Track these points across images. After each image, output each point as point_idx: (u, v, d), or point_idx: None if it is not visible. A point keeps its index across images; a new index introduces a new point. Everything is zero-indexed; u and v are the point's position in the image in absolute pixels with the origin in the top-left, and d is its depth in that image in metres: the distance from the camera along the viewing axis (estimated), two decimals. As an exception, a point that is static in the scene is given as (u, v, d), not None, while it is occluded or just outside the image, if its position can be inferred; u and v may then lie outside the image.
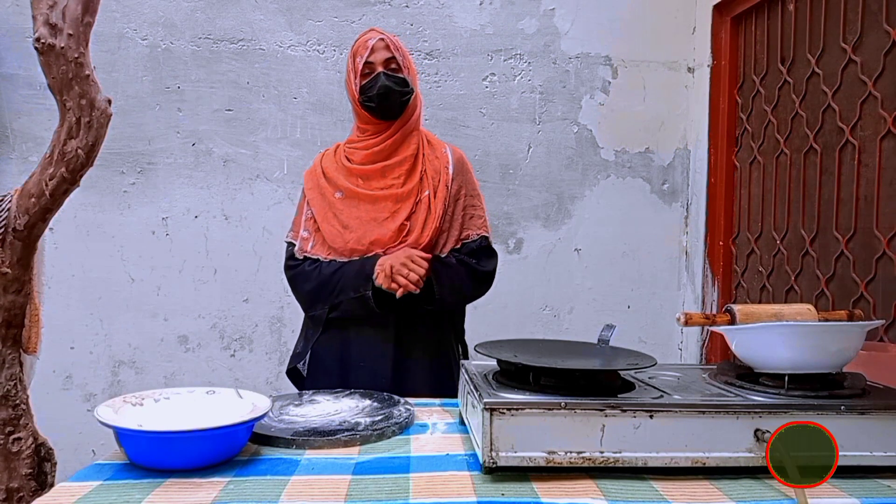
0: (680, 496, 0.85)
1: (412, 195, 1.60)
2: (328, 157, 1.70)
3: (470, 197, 1.69)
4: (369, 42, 1.59)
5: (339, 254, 1.59)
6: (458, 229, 1.65)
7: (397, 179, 1.61)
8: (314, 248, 1.63)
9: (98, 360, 2.50)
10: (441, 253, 1.62)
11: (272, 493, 0.86)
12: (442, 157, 1.67)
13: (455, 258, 1.63)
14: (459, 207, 1.66)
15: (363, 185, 1.62)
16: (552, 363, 0.99)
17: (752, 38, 2.37)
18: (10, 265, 1.19)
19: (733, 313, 1.08)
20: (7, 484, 1.21)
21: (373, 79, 1.58)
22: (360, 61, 1.59)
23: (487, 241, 1.68)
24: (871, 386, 1.05)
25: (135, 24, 2.47)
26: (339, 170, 1.65)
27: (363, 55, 1.59)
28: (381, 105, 1.58)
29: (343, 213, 1.60)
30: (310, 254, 1.63)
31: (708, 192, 2.55)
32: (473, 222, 1.67)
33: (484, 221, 1.69)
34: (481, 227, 1.68)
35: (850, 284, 1.85)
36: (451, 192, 1.64)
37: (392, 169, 1.62)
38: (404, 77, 1.60)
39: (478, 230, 1.67)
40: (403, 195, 1.60)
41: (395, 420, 1.13)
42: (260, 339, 2.56)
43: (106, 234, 2.49)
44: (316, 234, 1.64)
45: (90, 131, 1.16)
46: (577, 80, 2.64)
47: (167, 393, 1.10)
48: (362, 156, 1.63)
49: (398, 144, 1.63)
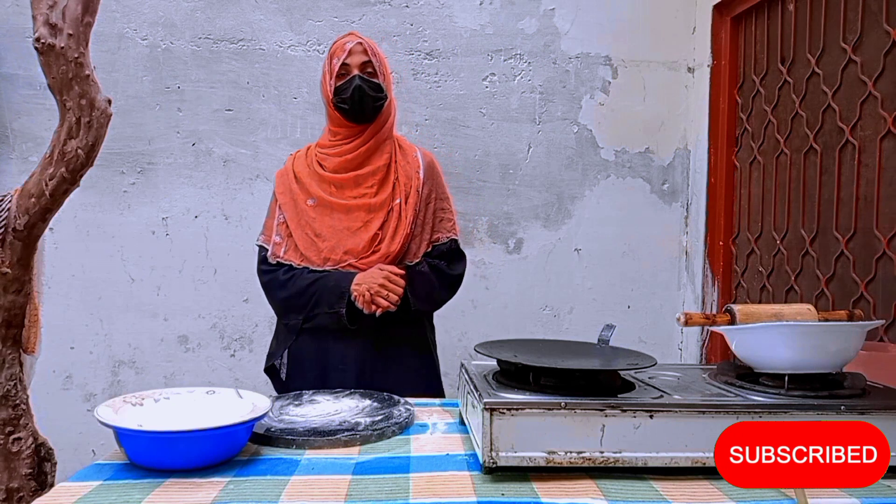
0: (680, 496, 0.85)
1: (385, 205, 1.62)
2: (300, 161, 1.70)
3: (440, 200, 1.71)
4: (347, 45, 1.61)
5: (311, 261, 1.61)
6: (430, 232, 1.68)
7: (370, 189, 1.63)
8: (287, 253, 1.64)
9: (98, 360, 2.50)
10: (415, 258, 1.65)
11: (272, 493, 0.86)
12: (413, 162, 1.69)
13: (427, 263, 1.65)
14: (430, 211, 1.69)
15: (336, 193, 1.63)
16: (552, 363, 0.99)
17: (752, 38, 2.37)
18: (10, 265, 1.19)
19: (733, 313, 1.08)
20: (7, 484, 1.21)
21: (347, 81, 1.59)
22: (336, 63, 1.61)
23: (457, 244, 1.72)
24: (871, 386, 1.05)
25: (135, 24, 2.47)
26: (312, 176, 1.66)
27: (340, 57, 1.60)
28: (353, 107, 1.59)
29: (316, 221, 1.62)
30: (283, 259, 1.64)
31: (708, 192, 2.55)
32: (443, 225, 1.70)
33: (453, 224, 1.73)
34: (451, 229, 1.71)
35: (850, 284, 1.85)
36: (422, 197, 1.66)
37: (365, 178, 1.63)
38: (379, 82, 1.61)
39: (447, 233, 1.70)
40: (376, 205, 1.61)
41: (395, 420, 1.13)
42: (260, 339, 2.55)
43: (106, 234, 2.49)
44: (288, 240, 1.65)
45: (90, 131, 1.16)
46: (577, 80, 2.64)
47: (167, 393, 1.10)
48: (335, 163, 1.64)
49: (371, 152, 1.64)
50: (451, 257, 1.69)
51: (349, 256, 1.59)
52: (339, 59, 1.60)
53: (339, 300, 1.55)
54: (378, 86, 1.61)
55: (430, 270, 1.64)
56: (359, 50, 1.60)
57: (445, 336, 1.88)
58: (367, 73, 1.60)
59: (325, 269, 1.59)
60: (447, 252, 1.69)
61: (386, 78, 1.64)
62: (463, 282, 1.76)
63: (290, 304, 1.62)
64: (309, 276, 1.59)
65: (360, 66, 1.60)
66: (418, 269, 1.63)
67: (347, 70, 1.60)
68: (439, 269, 1.66)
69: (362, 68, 1.60)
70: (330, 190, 1.63)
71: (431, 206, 1.69)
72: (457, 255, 1.72)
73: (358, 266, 1.58)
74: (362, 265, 1.58)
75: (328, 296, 1.56)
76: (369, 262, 1.59)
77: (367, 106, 1.60)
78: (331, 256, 1.60)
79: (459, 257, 1.73)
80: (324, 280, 1.58)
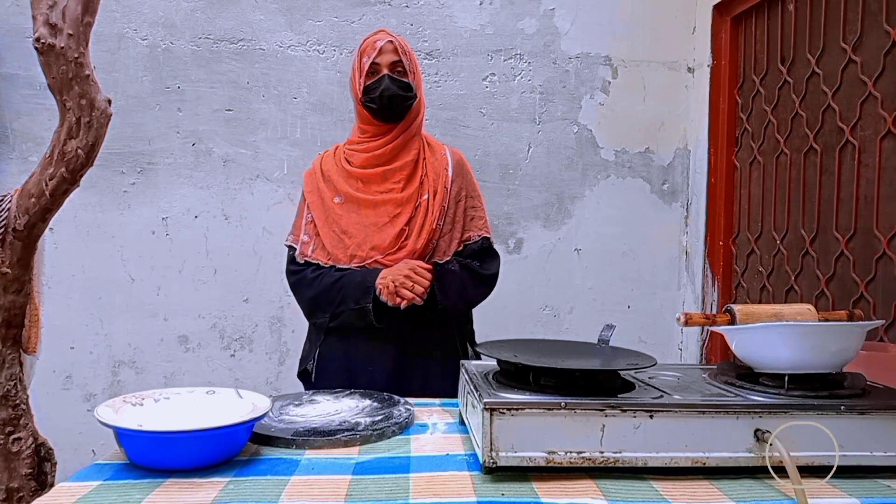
0: (680, 496, 0.85)
1: (412, 200, 1.60)
2: (328, 159, 1.69)
3: (470, 198, 1.68)
4: (377, 43, 1.58)
5: (338, 259, 1.59)
6: (460, 231, 1.65)
7: (397, 184, 1.61)
8: (315, 252, 1.63)
9: (98, 360, 2.50)
10: (445, 256, 1.62)
11: (272, 493, 0.86)
12: (441, 160, 1.67)
13: (458, 262, 1.62)
14: (460, 209, 1.66)
15: (363, 188, 1.62)
16: (552, 363, 0.99)
17: (752, 38, 2.37)
18: (10, 265, 1.19)
19: (733, 313, 1.08)
20: (7, 484, 1.21)
21: (377, 80, 1.57)
22: (366, 61, 1.58)
23: (489, 242, 1.68)
24: (871, 386, 1.05)
25: (135, 24, 2.47)
26: (339, 172, 1.64)
27: (370, 55, 1.58)
28: (382, 108, 1.58)
29: (343, 217, 1.60)
30: (310, 258, 1.62)
31: (708, 192, 2.55)
32: (475, 223, 1.67)
33: (485, 222, 1.69)
34: (482, 227, 1.68)
35: (850, 284, 1.85)
36: (450, 194, 1.63)
37: (393, 173, 1.61)
38: (409, 82, 1.59)
39: (479, 231, 1.67)
40: (403, 199, 1.59)
41: (395, 420, 1.13)
42: (260, 339, 2.56)
43: (106, 234, 2.49)
44: (316, 239, 1.63)
45: (90, 131, 1.16)
46: (577, 80, 2.64)
47: (167, 393, 1.10)
48: (363, 159, 1.62)
49: (399, 149, 1.62)
50: (483, 256, 1.66)
51: (375, 252, 1.57)
52: (369, 58, 1.58)
53: (364, 295, 1.53)
54: (408, 85, 1.59)
55: (460, 269, 1.61)
56: (389, 49, 1.58)
57: (445, 336, 1.87)
58: (398, 71, 1.58)
59: (351, 267, 1.58)
60: (479, 251, 1.65)
61: (416, 76, 1.62)
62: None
63: (316, 303, 1.60)
64: (335, 274, 1.58)
65: (389, 65, 1.58)
66: (447, 266, 1.60)
67: (377, 69, 1.58)
68: (470, 267, 1.63)
69: (392, 67, 1.58)
70: (357, 185, 1.62)
71: (462, 203, 1.66)
72: (489, 254, 1.68)
73: (384, 263, 1.56)
74: (388, 262, 1.56)
75: (354, 291, 1.54)
76: (395, 258, 1.57)
77: (397, 106, 1.58)
78: (357, 253, 1.58)
79: (493, 256, 1.69)
80: (349, 276, 1.57)
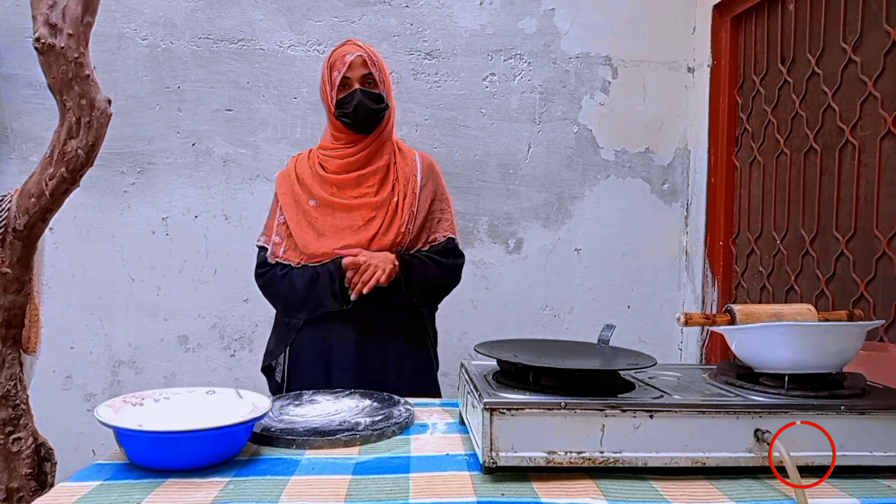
0: (680, 496, 0.85)
1: (386, 203, 1.64)
2: (302, 162, 1.72)
3: (439, 202, 1.74)
4: (347, 57, 1.61)
5: (310, 259, 1.62)
6: (427, 232, 1.70)
7: (371, 188, 1.65)
8: (286, 253, 1.67)
9: (98, 360, 2.50)
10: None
11: (272, 493, 0.86)
12: (411, 164, 1.72)
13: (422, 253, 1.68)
14: (430, 212, 1.71)
15: (338, 193, 1.65)
16: (552, 363, 0.99)
17: (752, 38, 2.37)
18: (10, 265, 1.19)
19: (733, 313, 1.08)
20: (7, 484, 1.21)
21: (349, 95, 1.61)
22: (336, 76, 1.62)
23: (454, 242, 1.74)
24: (871, 386, 1.05)
25: (135, 24, 2.47)
26: (314, 177, 1.68)
27: (340, 70, 1.61)
28: (356, 122, 1.62)
29: (318, 220, 1.64)
30: (281, 259, 1.66)
31: (708, 192, 2.55)
32: (441, 226, 1.73)
33: (451, 224, 1.75)
34: (448, 229, 1.74)
35: (850, 284, 1.85)
36: (419, 199, 1.67)
37: (366, 178, 1.66)
38: (380, 93, 1.63)
39: (444, 232, 1.72)
40: (377, 203, 1.64)
41: (395, 420, 1.13)
42: (260, 339, 2.55)
43: (106, 234, 2.49)
44: (288, 240, 1.67)
45: (90, 131, 1.16)
46: (577, 80, 2.64)
47: (167, 393, 1.10)
48: (337, 165, 1.66)
49: (372, 155, 1.67)
50: (447, 253, 1.71)
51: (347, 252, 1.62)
52: (339, 72, 1.61)
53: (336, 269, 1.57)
54: (379, 96, 1.63)
55: (424, 258, 1.67)
56: (359, 62, 1.62)
57: (445, 336, 1.88)
58: (368, 83, 1.63)
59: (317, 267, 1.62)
60: (443, 250, 1.71)
61: (386, 85, 1.66)
62: (462, 281, 1.77)
63: (289, 294, 1.63)
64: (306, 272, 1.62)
65: (360, 78, 1.62)
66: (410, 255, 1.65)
67: (348, 83, 1.62)
68: (433, 258, 1.68)
69: (363, 81, 1.62)
70: (332, 190, 1.65)
71: (430, 207, 1.71)
72: (453, 253, 1.73)
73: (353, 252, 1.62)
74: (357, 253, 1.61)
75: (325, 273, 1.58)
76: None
77: (370, 119, 1.63)
78: (331, 253, 1.61)
79: (456, 254, 1.74)
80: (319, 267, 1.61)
